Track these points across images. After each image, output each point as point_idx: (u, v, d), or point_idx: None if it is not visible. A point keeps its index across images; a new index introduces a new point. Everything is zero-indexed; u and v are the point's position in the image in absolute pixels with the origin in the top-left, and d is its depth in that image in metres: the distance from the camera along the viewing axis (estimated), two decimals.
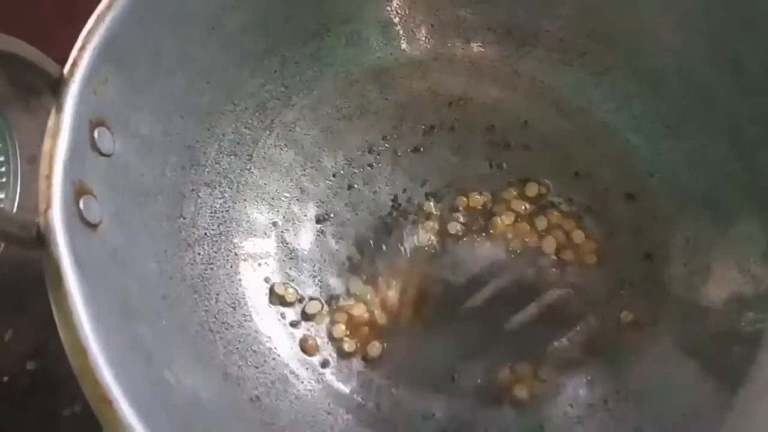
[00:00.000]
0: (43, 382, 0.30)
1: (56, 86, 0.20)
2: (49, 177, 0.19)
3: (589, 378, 0.27)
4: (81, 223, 0.19)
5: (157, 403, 0.18)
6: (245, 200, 0.28)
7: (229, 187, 0.28)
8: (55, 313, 0.17)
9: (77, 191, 0.19)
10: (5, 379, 0.30)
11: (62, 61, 0.23)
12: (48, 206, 0.18)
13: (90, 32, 0.21)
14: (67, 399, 0.30)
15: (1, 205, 0.32)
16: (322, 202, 0.30)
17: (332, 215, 0.29)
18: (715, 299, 0.27)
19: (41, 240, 0.18)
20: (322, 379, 0.26)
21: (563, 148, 0.31)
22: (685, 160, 0.29)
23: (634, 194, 0.30)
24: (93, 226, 0.20)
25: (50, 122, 0.20)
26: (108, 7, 0.21)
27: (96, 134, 0.21)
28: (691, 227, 0.28)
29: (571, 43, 0.31)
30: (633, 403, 0.26)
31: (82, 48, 0.21)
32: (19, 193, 0.33)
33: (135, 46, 0.23)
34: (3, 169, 0.33)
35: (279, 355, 0.26)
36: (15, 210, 0.32)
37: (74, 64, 0.20)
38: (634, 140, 0.30)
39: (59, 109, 0.20)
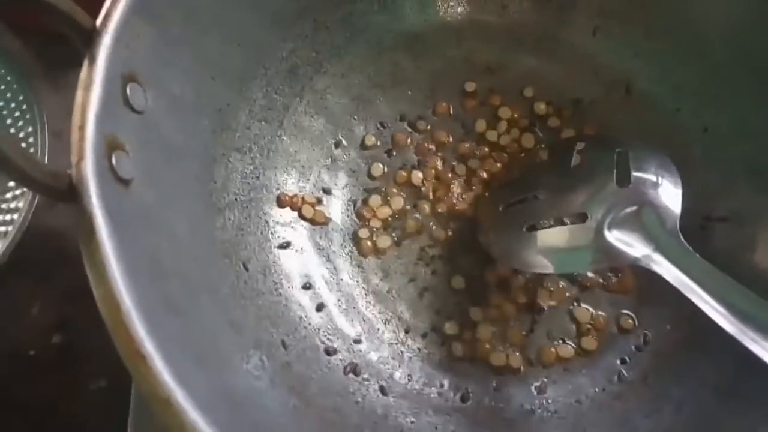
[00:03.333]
0: (68, 356, 0.30)
1: (88, 38, 0.20)
2: (82, 128, 0.18)
3: (628, 355, 0.26)
4: (113, 178, 0.19)
5: (190, 360, 0.18)
6: (276, 167, 0.28)
7: (259, 154, 0.27)
8: (87, 266, 0.17)
9: (109, 145, 0.19)
10: (31, 353, 0.30)
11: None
12: (80, 158, 0.18)
13: None
14: (92, 373, 0.30)
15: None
16: (353, 172, 0.29)
17: (363, 185, 0.29)
18: (762, 270, 0.25)
19: (73, 192, 0.18)
20: (352, 349, 0.25)
21: (603, 119, 0.30)
22: (729, 129, 0.28)
23: (677, 165, 0.28)
24: (125, 182, 0.19)
25: (82, 74, 0.19)
26: None
27: (128, 89, 0.20)
28: (735, 198, 0.27)
29: (611, 9, 0.30)
30: (675, 380, 0.25)
31: (115, 0, 0.20)
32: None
33: (167, 2, 0.22)
34: (31, 140, 0.33)
35: (309, 324, 0.25)
36: None
37: (107, 16, 0.20)
38: (676, 110, 0.29)
39: (92, 61, 0.19)
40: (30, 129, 0.34)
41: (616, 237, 0.23)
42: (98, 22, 0.20)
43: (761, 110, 0.27)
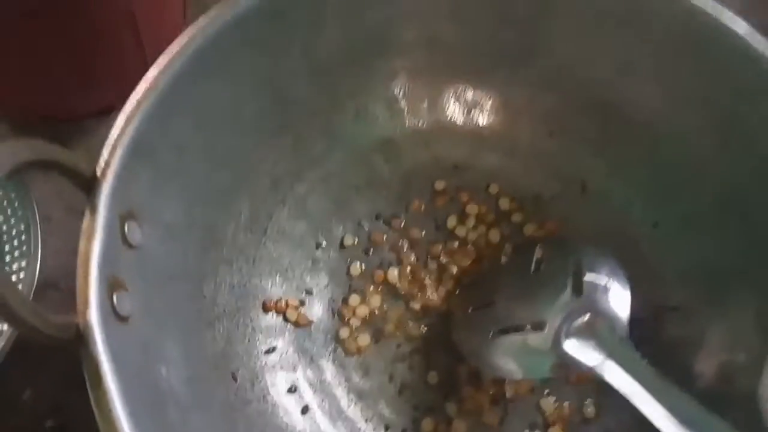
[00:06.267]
0: None
1: (89, 186, 0.21)
2: (86, 277, 0.20)
3: None
4: (115, 318, 0.20)
5: None
6: (261, 274, 0.29)
7: (245, 263, 0.29)
8: (95, 411, 0.19)
9: (110, 287, 0.21)
10: None
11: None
12: (86, 306, 0.19)
13: (121, 133, 0.22)
14: None
15: (19, 277, 0.32)
16: (334, 272, 0.31)
17: (343, 284, 0.31)
18: (708, 366, 0.28)
19: (80, 339, 0.19)
20: None
21: (562, 214, 0.32)
22: (681, 226, 0.30)
23: (629, 259, 0.31)
24: (125, 319, 0.21)
25: (85, 223, 0.21)
26: (137, 107, 0.23)
27: (126, 228, 0.22)
28: (685, 290, 0.30)
29: (567, 112, 0.32)
30: None
31: (114, 148, 0.22)
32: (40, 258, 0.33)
33: (161, 140, 0.24)
34: (24, 237, 0.34)
35: (295, 429, 0.27)
36: (36, 276, 0.32)
37: (107, 165, 0.22)
38: (628, 205, 0.32)
39: (93, 210, 0.21)
40: (22, 226, 0.35)
41: (572, 345, 0.25)
42: (98, 171, 0.22)
43: (708, 208, 0.29)
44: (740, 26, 0.26)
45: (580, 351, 0.24)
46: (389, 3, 0.29)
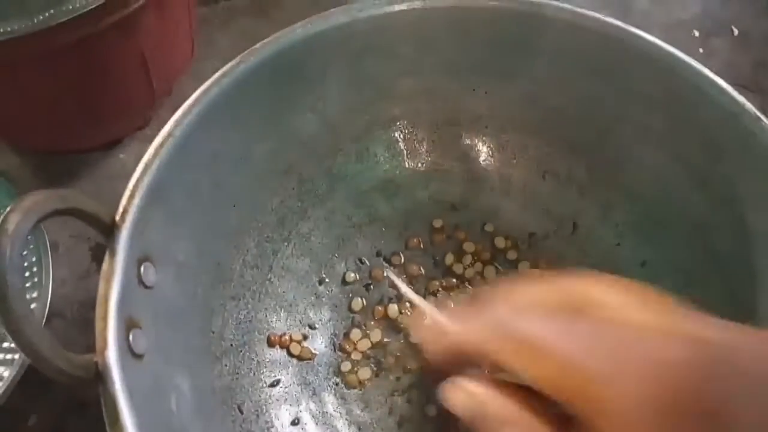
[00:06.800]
0: None
1: (109, 231, 0.23)
2: (105, 318, 0.21)
3: None
4: (130, 356, 0.22)
5: None
6: (266, 309, 0.31)
7: (251, 298, 0.30)
8: None
9: (127, 326, 0.22)
10: None
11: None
12: (105, 346, 0.21)
13: (138, 181, 0.24)
14: None
15: (34, 306, 0.33)
16: (336, 307, 0.32)
17: (344, 319, 0.32)
18: None
19: (99, 377, 0.21)
20: None
21: (555, 252, 0.34)
22: (667, 267, 0.32)
23: None
24: (139, 357, 0.22)
25: (104, 266, 0.22)
26: (154, 156, 0.25)
27: (142, 269, 0.24)
28: None
29: (557, 157, 0.34)
30: None
31: (131, 196, 0.24)
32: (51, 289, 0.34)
33: (175, 185, 0.26)
34: (35, 269, 0.35)
35: None
36: (47, 307, 0.34)
37: (125, 212, 0.23)
38: (617, 245, 0.33)
39: (113, 253, 0.22)
40: (34, 258, 0.36)
41: None
42: (117, 217, 0.23)
43: (689, 252, 0.31)
44: (720, 85, 0.28)
45: None
46: (389, 57, 0.31)
